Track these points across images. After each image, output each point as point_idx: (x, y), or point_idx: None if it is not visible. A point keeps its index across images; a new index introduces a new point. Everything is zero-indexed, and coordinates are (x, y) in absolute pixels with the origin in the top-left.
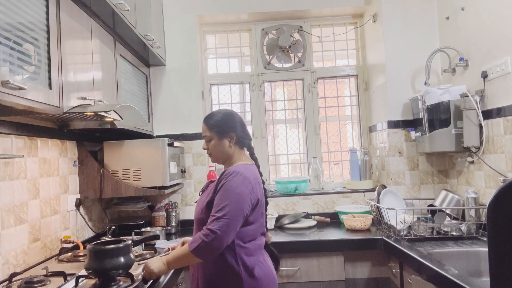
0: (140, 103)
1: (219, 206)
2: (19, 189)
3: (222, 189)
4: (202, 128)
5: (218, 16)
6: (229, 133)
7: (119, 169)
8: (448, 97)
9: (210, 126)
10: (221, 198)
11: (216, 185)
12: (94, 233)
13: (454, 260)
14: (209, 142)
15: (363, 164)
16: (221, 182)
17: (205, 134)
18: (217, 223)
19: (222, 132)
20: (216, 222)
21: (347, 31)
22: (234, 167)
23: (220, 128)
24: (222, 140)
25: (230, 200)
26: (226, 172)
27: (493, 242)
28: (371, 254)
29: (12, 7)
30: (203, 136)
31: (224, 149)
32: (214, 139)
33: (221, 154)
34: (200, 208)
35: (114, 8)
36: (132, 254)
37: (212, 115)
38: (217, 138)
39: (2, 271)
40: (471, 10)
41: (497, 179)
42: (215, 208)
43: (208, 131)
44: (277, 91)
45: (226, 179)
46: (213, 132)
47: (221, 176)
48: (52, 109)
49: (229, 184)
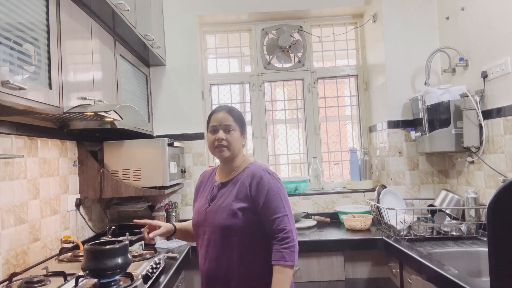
0: (140, 103)
1: (277, 208)
2: (19, 189)
3: (269, 191)
4: (223, 118)
5: (218, 16)
6: (245, 131)
7: (119, 169)
8: (448, 97)
9: (236, 118)
10: (273, 200)
11: (249, 188)
12: (94, 233)
13: (454, 260)
14: (228, 133)
15: (363, 164)
16: (258, 184)
17: (228, 123)
18: (284, 224)
19: (243, 128)
20: (282, 223)
21: (347, 31)
22: (257, 166)
23: (242, 124)
24: (241, 135)
25: (283, 200)
26: (255, 173)
27: (493, 242)
28: (371, 254)
29: (12, 7)
30: (224, 124)
31: (240, 145)
32: (237, 132)
33: (237, 149)
34: (227, 214)
35: (114, 8)
36: (130, 254)
37: (234, 108)
38: (239, 132)
39: (2, 271)
40: (471, 10)
41: (497, 179)
42: (272, 210)
43: (233, 122)
44: (277, 91)
45: (263, 180)
46: (237, 125)
47: (252, 179)
48: (52, 109)
49: (275, 186)
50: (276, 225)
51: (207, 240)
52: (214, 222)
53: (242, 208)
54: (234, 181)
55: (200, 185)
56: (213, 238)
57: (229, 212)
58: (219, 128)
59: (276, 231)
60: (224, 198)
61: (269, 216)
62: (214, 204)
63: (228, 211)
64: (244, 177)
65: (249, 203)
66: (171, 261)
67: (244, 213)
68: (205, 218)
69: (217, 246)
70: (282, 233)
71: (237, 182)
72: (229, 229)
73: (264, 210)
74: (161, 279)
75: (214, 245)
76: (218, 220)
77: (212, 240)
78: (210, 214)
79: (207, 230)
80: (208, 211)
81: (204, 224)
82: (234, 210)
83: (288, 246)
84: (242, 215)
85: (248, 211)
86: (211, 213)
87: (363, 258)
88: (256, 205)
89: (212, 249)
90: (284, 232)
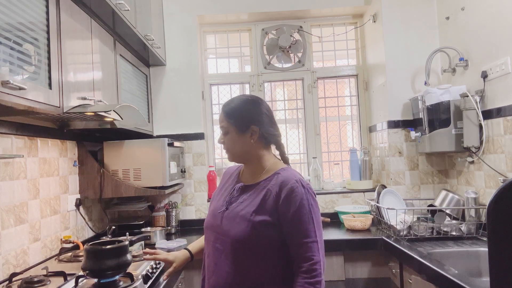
0: (140, 103)
1: (306, 231)
2: (19, 189)
3: (299, 208)
4: (219, 118)
5: (218, 16)
6: (250, 126)
7: (119, 169)
8: (448, 97)
9: (228, 115)
10: (302, 220)
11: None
12: (94, 233)
13: (454, 260)
14: (225, 135)
15: (363, 164)
16: (289, 197)
17: (221, 125)
18: (312, 252)
19: (242, 124)
20: (310, 251)
21: (347, 31)
22: (290, 174)
23: (240, 119)
24: (241, 134)
25: (315, 222)
26: (286, 183)
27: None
28: (371, 254)
29: (12, 7)
30: (220, 126)
31: (244, 146)
32: (231, 132)
33: (240, 152)
34: (245, 226)
35: (114, 8)
36: (130, 255)
37: (231, 101)
38: (236, 131)
39: (2, 271)
40: (471, 10)
41: (497, 179)
42: (300, 233)
43: (225, 121)
44: (277, 91)
45: (295, 193)
46: (230, 123)
47: (281, 189)
48: (52, 109)
49: (308, 203)
50: (302, 252)
51: (218, 249)
52: (229, 231)
53: (263, 222)
54: (260, 186)
55: (223, 183)
56: (225, 249)
57: (248, 223)
58: (221, 131)
59: (302, 259)
60: (244, 204)
61: (296, 239)
62: (232, 210)
63: (247, 222)
64: (272, 184)
65: (272, 218)
66: None
67: (265, 228)
68: (221, 223)
69: (230, 260)
70: (308, 263)
71: (262, 188)
72: (244, 244)
73: (290, 230)
74: (161, 279)
75: (226, 257)
76: (234, 230)
77: (224, 251)
78: (226, 220)
79: (219, 238)
80: (225, 215)
81: (217, 229)
82: (254, 223)
83: (313, 281)
84: (263, 230)
85: (270, 226)
86: (227, 219)
87: (363, 258)
88: (281, 221)
89: (224, 262)
90: (310, 263)
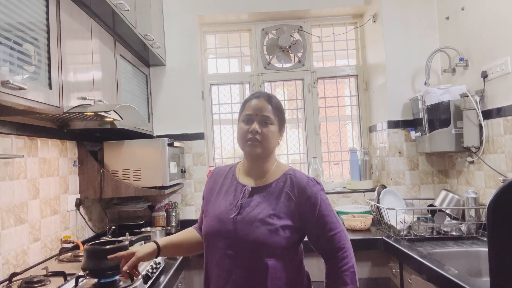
0: (140, 103)
1: (332, 224)
2: (19, 189)
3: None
4: (261, 107)
5: (218, 16)
6: (284, 127)
7: (119, 169)
8: (448, 97)
9: (276, 109)
10: (326, 215)
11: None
12: (94, 233)
13: (454, 260)
14: (266, 126)
15: (363, 164)
16: (309, 199)
17: (266, 114)
18: (342, 241)
19: (282, 123)
20: (341, 241)
21: (347, 31)
22: (301, 174)
23: (282, 117)
24: (278, 132)
25: (334, 213)
26: (302, 184)
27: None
28: (371, 254)
29: (12, 7)
30: (261, 115)
31: (275, 143)
32: (274, 126)
33: (270, 148)
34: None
35: (114, 8)
36: None
37: (272, 97)
38: (277, 127)
39: (2, 271)
40: (471, 10)
41: (497, 179)
42: (327, 227)
43: (272, 114)
44: (277, 91)
45: (314, 193)
46: (276, 118)
47: (299, 191)
48: (52, 109)
49: (325, 197)
50: (334, 243)
51: (231, 256)
52: (247, 236)
53: (284, 224)
54: (272, 188)
55: (214, 185)
56: (241, 255)
57: (268, 226)
58: (255, 119)
59: (334, 250)
60: (261, 208)
61: (325, 233)
62: (247, 214)
63: (268, 225)
64: (288, 187)
65: (294, 221)
66: (171, 261)
67: (285, 230)
68: (235, 228)
69: (246, 265)
70: (341, 252)
71: (276, 190)
72: (268, 248)
73: (317, 227)
74: (161, 279)
75: (242, 263)
76: (253, 234)
77: (239, 257)
78: (242, 225)
79: (232, 244)
80: (239, 220)
81: (230, 235)
82: (275, 226)
83: (347, 267)
84: (283, 232)
85: (290, 229)
86: (242, 224)
87: (363, 258)
88: (304, 222)
89: (239, 269)
90: (343, 251)
